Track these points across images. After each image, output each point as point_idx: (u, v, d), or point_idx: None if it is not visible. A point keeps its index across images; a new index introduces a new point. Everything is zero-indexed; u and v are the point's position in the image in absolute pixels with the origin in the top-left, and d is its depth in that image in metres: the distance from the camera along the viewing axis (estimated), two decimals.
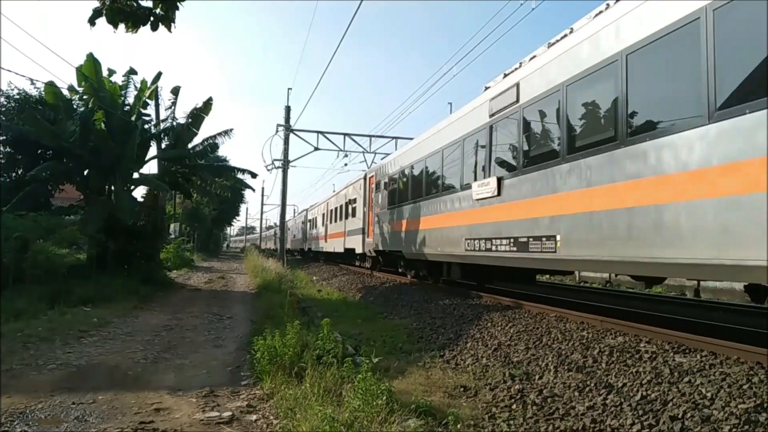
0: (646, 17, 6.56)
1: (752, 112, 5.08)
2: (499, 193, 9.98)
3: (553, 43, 8.82)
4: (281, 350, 6.41)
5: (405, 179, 16.32)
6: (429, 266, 15.09)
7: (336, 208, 29.25)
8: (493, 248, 10.14)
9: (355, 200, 24.35)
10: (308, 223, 41.25)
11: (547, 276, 19.69)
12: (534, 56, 9.43)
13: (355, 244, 23.40)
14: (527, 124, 9.31)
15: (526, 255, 8.98)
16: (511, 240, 9.45)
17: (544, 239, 8.43)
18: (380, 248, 19.03)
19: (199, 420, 5.20)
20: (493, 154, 10.54)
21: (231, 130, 22.46)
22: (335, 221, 28.82)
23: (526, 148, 9.34)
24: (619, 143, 6.89)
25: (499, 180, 9.97)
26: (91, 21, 5.21)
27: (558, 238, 8.08)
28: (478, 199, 10.79)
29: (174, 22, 5.36)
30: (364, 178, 22.65)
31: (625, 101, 6.82)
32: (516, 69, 10.05)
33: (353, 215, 24.48)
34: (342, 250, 26.60)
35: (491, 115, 10.57)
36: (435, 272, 14.92)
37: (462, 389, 5.88)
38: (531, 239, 8.81)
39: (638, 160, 6.54)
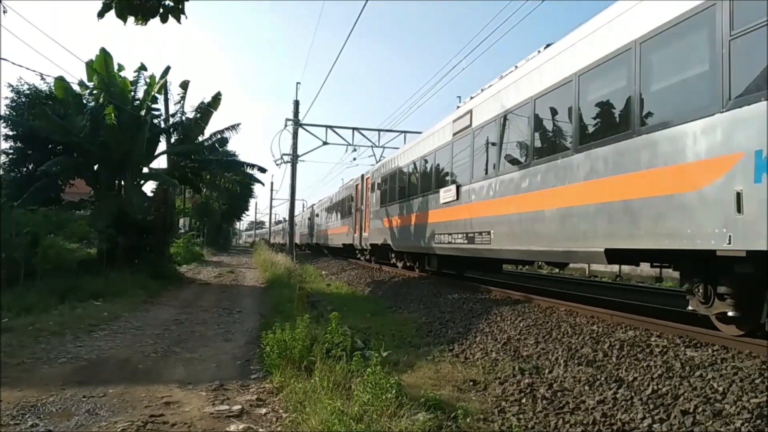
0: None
1: None
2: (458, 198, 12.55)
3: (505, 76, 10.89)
4: (291, 344, 6.42)
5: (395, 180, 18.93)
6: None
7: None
8: (453, 241, 12.68)
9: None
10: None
11: (549, 269, 19.71)
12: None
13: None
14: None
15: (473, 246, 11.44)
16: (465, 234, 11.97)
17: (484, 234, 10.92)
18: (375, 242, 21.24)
19: (208, 413, 5.22)
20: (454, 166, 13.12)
21: (238, 124, 22.50)
22: None
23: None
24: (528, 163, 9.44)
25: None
26: (101, 14, 5.20)
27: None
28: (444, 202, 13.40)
29: (184, 14, 5.34)
30: (361, 179, 24.86)
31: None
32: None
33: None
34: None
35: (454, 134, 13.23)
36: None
37: (471, 383, 5.86)
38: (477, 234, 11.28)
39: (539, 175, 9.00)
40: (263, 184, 40.37)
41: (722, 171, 5.45)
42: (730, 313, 6.05)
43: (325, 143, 28.27)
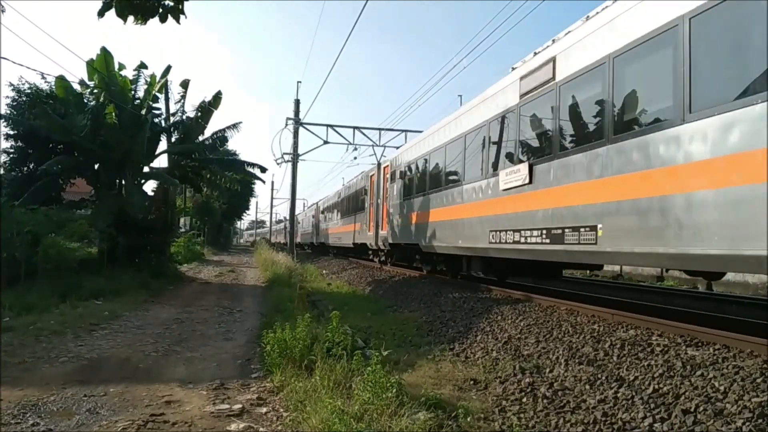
0: None
1: None
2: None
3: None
4: (291, 343, 6.42)
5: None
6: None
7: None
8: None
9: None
10: None
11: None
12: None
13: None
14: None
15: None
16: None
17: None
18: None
19: (209, 412, 5.22)
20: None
21: (239, 123, 22.52)
22: None
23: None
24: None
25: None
26: (101, 13, 5.22)
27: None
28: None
29: (184, 14, 5.35)
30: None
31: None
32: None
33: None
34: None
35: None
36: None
37: (472, 382, 5.85)
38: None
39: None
40: (264, 182, 40.45)
41: None
42: None
43: (325, 142, 28.23)
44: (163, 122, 21.33)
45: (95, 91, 18.44)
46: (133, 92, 19.43)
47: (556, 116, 8.81)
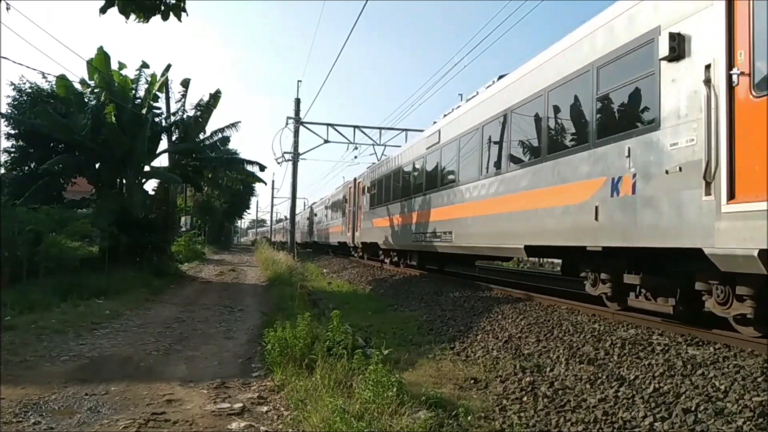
0: None
1: None
2: None
3: None
4: (292, 342, 6.42)
5: None
6: None
7: None
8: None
9: None
10: None
11: (552, 266, 19.54)
12: None
13: None
14: None
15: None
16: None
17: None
18: None
19: (210, 411, 5.22)
20: None
21: (238, 122, 22.55)
22: None
23: None
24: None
25: None
26: (103, 10, 5.21)
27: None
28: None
29: (185, 11, 5.34)
30: None
31: None
32: None
33: None
34: None
35: None
36: None
37: (472, 381, 5.85)
38: None
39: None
40: (265, 183, 40.46)
41: None
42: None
43: (326, 141, 28.22)
44: (163, 121, 21.36)
45: (96, 90, 18.47)
46: (133, 91, 19.45)
47: None
